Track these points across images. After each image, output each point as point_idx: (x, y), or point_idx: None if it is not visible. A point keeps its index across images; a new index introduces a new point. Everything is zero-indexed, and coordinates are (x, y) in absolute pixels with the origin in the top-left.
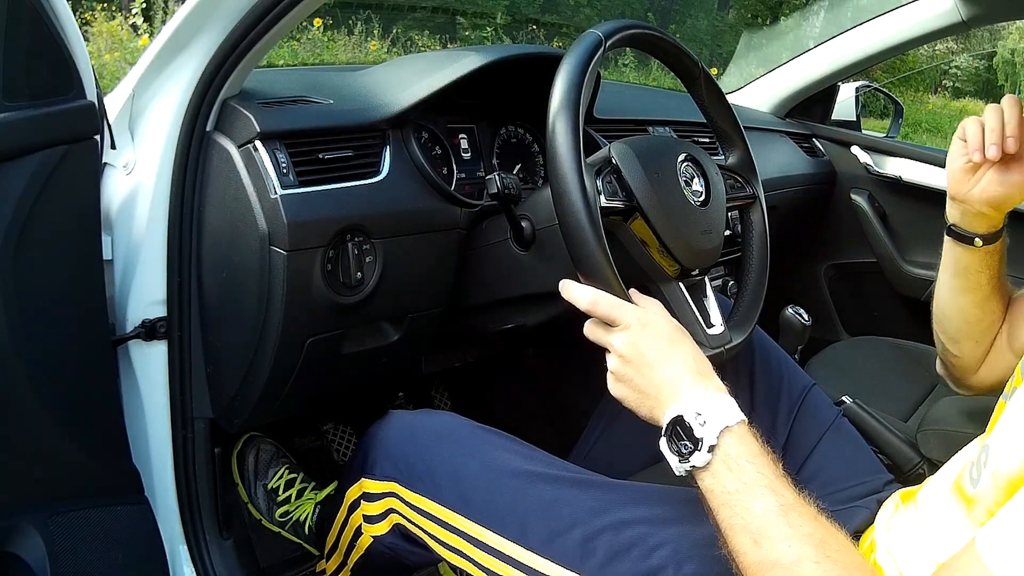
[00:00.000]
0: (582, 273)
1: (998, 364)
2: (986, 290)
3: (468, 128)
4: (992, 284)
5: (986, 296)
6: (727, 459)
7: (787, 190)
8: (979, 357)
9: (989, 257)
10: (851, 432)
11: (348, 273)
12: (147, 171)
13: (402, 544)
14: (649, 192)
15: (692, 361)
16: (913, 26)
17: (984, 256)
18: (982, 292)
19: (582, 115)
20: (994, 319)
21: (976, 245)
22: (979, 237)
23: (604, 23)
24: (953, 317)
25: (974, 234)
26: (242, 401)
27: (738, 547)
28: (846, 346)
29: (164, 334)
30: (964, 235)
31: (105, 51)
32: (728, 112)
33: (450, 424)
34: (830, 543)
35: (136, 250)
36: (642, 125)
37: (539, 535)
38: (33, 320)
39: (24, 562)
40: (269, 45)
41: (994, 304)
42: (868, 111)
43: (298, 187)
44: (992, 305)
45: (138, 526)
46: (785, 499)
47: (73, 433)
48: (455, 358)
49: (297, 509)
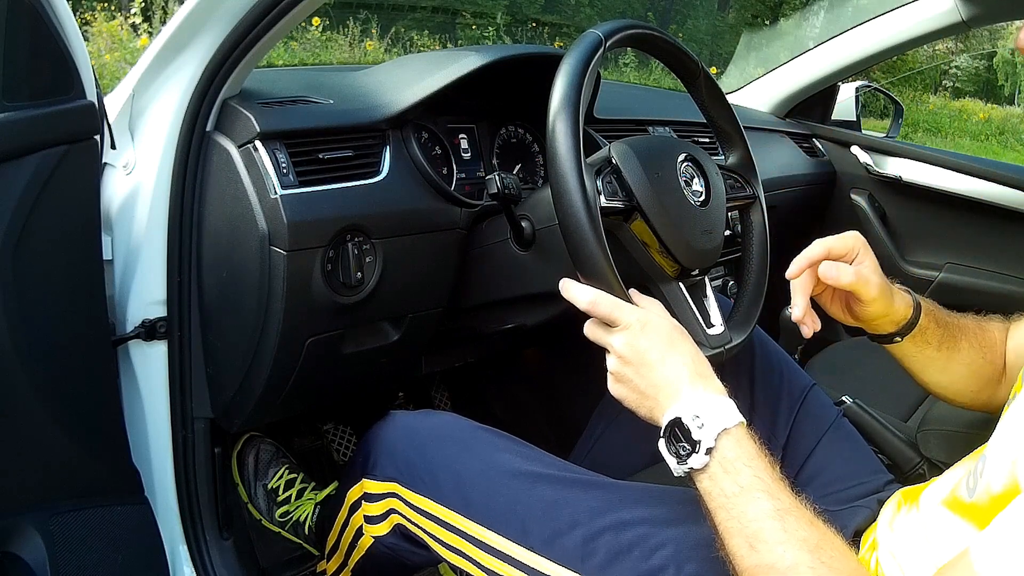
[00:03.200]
0: (582, 273)
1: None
2: (942, 355)
3: (468, 128)
4: (946, 346)
5: (947, 358)
6: (724, 462)
7: (787, 190)
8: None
9: (919, 337)
10: (851, 432)
11: (348, 273)
12: (147, 171)
13: (403, 544)
14: (649, 192)
15: (692, 362)
16: (913, 26)
17: (913, 340)
18: (941, 359)
19: (582, 115)
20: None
21: (897, 341)
22: (896, 335)
23: (604, 23)
24: (936, 390)
25: (891, 335)
26: (242, 401)
27: (734, 550)
28: (846, 346)
29: (164, 334)
30: (884, 340)
31: (105, 51)
32: (728, 112)
33: (451, 424)
34: (826, 548)
35: (136, 250)
36: (642, 125)
37: (540, 535)
38: (33, 320)
39: (24, 562)
40: (269, 45)
41: (965, 356)
42: (868, 111)
43: (298, 187)
44: (962, 357)
45: (138, 526)
46: (781, 503)
47: (73, 433)
48: (455, 358)
49: (297, 509)
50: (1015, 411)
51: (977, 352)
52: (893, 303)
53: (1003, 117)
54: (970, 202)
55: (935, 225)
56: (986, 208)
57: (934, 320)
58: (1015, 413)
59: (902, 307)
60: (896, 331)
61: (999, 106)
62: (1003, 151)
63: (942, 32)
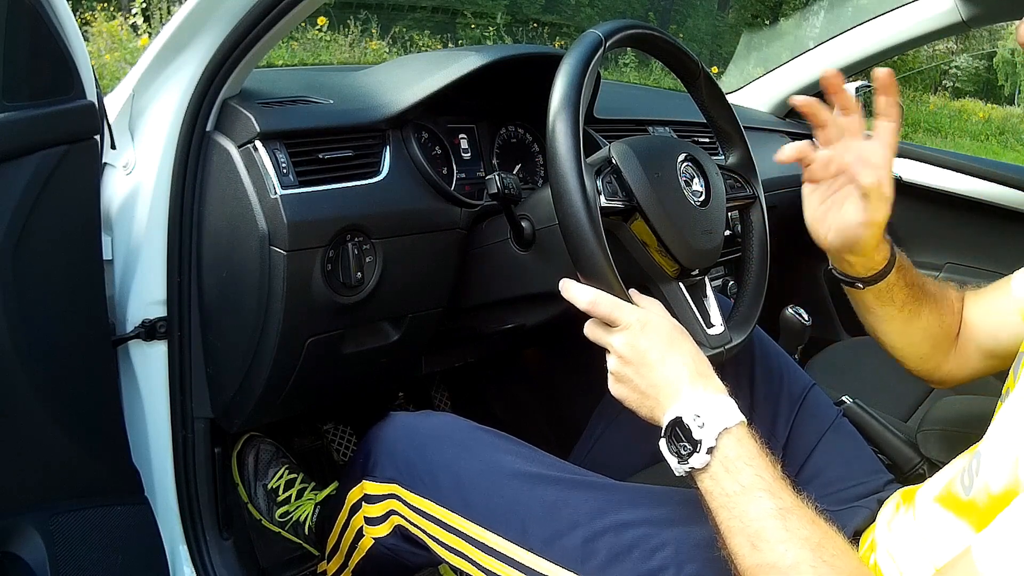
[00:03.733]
0: (582, 273)
1: (966, 363)
2: (903, 316)
3: (468, 128)
4: (908, 309)
5: (907, 320)
6: (725, 461)
7: (787, 190)
8: (937, 363)
9: (884, 292)
10: (851, 432)
11: (348, 273)
12: (147, 171)
13: (403, 546)
14: (649, 192)
15: (692, 362)
16: (913, 26)
17: (877, 293)
18: (900, 319)
19: (582, 115)
20: (930, 332)
21: (858, 288)
22: (859, 281)
23: (604, 23)
24: (885, 344)
25: (853, 279)
26: (242, 401)
27: (736, 549)
28: (846, 346)
29: (164, 334)
30: (844, 280)
31: (105, 51)
32: (728, 112)
33: (451, 425)
34: (827, 547)
35: (136, 250)
36: (642, 125)
37: (540, 536)
38: (33, 320)
39: (24, 562)
40: (269, 45)
41: (924, 321)
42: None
43: (298, 187)
44: (921, 323)
45: (138, 526)
46: (783, 502)
47: (73, 433)
48: (455, 358)
49: (297, 509)
50: (1011, 408)
51: (935, 319)
52: (873, 247)
53: (1003, 117)
54: (970, 202)
55: (935, 225)
56: (986, 208)
57: (903, 279)
58: (1012, 410)
59: (879, 256)
60: (861, 277)
61: (999, 106)
62: (1003, 151)
63: (942, 32)
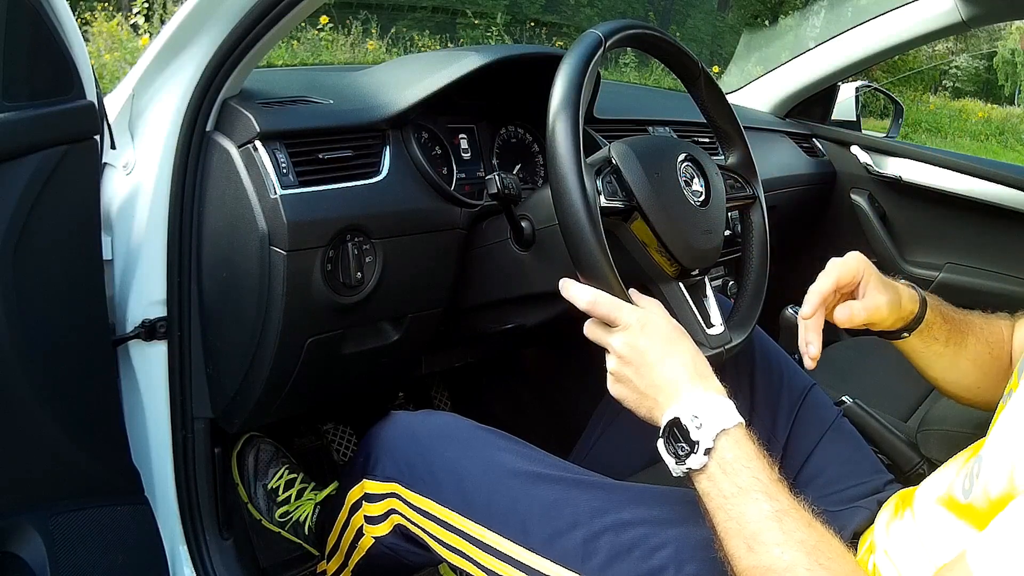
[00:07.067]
0: (582, 273)
1: None
2: (950, 351)
3: (468, 128)
4: (953, 342)
5: (955, 353)
6: (722, 462)
7: (787, 190)
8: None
9: (926, 333)
10: (851, 432)
11: (348, 273)
12: (147, 171)
13: (403, 545)
14: (649, 192)
15: (691, 362)
16: (913, 26)
17: (920, 336)
18: (948, 355)
19: (582, 115)
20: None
21: (904, 337)
22: (904, 331)
23: (604, 23)
24: (940, 385)
25: (896, 332)
26: (242, 401)
27: (732, 551)
28: (846, 346)
29: (164, 334)
30: (889, 336)
31: (105, 51)
32: (728, 112)
33: (451, 424)
34: (823, 550)
35: (136, 250)
36: (642, 125)
37: (540, 535)
38: (33, 320)
39: (24, 562)
40: (269, 45)
41: (971, 351)
42: (868, 111)
43: (298, 187)
44: (968, 353)
45: (138, 526)
46: (780, 504)
47: (73, 433)
48: (455, 358)
49: (297, 509)
50: (1012, 411)
51: (984, 347)
52: (901, 304)
53: (1003, 117)
54: (970, 202)
55: (935, 225)
56: (986, 208)
57: (940, 315)
58: (1012, 414)
59: (908, 304)
60: (903, 327)
61: (999, 106)
62: (1003, 151)
63: (942, 32)
